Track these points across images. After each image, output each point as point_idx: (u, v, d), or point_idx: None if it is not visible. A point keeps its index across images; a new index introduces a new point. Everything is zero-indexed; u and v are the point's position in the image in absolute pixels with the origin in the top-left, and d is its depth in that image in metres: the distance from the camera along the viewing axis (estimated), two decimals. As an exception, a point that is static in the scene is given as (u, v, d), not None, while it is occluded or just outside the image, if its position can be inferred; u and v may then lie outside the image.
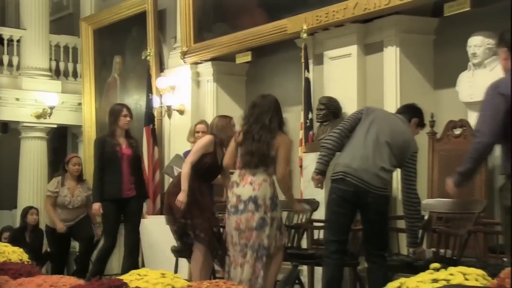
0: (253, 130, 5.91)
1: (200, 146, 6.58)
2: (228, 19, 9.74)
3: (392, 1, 7.33)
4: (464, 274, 3.40)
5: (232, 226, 5.90)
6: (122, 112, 7.50)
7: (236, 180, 5.95)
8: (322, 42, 8.42)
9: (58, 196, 8.78)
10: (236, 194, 5.90)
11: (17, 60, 12.55)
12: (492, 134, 4.33)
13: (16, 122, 12.62)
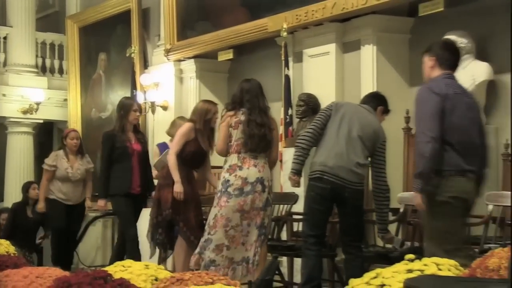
0: (253, 114, 5.96)
1: (181, 134, 6.46)
2: (210, 17, 9.73)
3: (369, 1, 7.36)
4: (437, 264, 3.42)
5: (232, 208, 5.90)
6: (133, 106, 7.25)
7: (237, 163, 5.95)
8: (301, 40, 8.44)
9: (57, 170, 8.21)
10: (242, 176, 5.91)
11: (4, 57, 12.53)
12: (438, 130, 4.55)
13: (3, 117, 12.57)
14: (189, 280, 3.70)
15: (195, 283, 3.62)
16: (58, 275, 4.23)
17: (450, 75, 4.79)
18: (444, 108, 4.59)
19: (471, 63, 6.90)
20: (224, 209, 5.93)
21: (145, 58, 11.03)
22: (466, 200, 4.71)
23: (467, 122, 4.69)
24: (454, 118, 4.61)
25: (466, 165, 4.65)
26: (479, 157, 4.76)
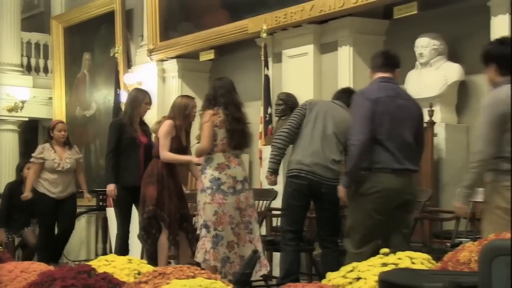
0: (229, 108, 5.90)
1: (165, 133, 6.32)
2: (192, 18, 9.72)
3: (346, 3, 7.38)
4: (411, 258, 3.44)
5: (232, 206, 5.86)
6: (145, 99, 6.93)
7: (225, 162, 5.89)
8: (280, 41, 8.46)
9: (46, 161, 7.96)
10: (232, 175, 5.87)
11: (-11, 56, 12.44)
12: (367, 131, 4.73)
13: (-11, 115, 12.49)
14: (171, 274, 3.69)
15: (177, 277, 3.62)
16: (43, 270, 4.22)
17: (385, 79, 4.96)
18: (375, 111, 4.76)
19: (443, 64, 6.95)
20: (224, 207, 5.85)
21: (129, 58, 11.00)
22: (389, 196, 4.82)
23: (399, 123, 4.83)
24: (385, 120, 4.77)
25: (396, 163, 4.80)
26: (412, 156, 4.90)
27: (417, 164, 5.01)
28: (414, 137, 4.92)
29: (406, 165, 4.85)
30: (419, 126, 5.00)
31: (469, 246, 3.16)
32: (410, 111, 4.93)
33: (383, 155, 4.81)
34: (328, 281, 3.45)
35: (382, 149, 4.81)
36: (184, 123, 6.41)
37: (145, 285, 3.61)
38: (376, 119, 4.78)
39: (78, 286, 3.64)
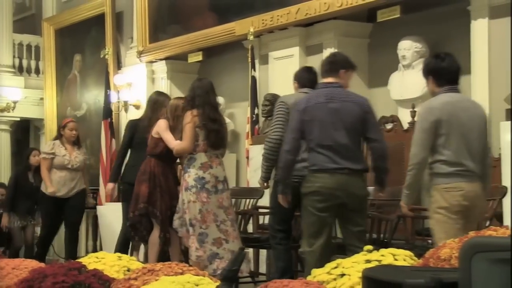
0: (206, 109, 5.91)
1: (164, 128, 6.24)
2: (181, 21, 9.71)
3: (330, 7, 7.40)
4: (394, 255, 3.46)
5: (215, 204, 5.90)
6: (165, 102, 6.81)
7: (208, 161, 5.91)
8: (267, 43, 8.46)
9: (55, 157, 7.78)
10: (214, 175, 5.90)
11: (-18, 58, 12.38)
12: (292, 143, 5.00)
13: (-19, 115, 12.44)
14: (160, 271, 3.70)
15: (166, 273, 3.62)
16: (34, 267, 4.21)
17: (324, 84, 5.13)
18: (303, 120, 4.96)
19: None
20: (208, 205, 5.88)
21: (119, 59, 10.97)
22: (326, 194, 4.94)
23: (330, 126, 4.96)
24: (314, 126, 4.94)
25: (331, 163, 4.93)
26: (351, 156, 4.99)
27: (359, 162, 5.05)
28: (352, 137, 5.01)
29: (343, 164, 4.94)
30: (356, 125, 5.02)
31: (450, 243, 3.17)
32: (344, 113, 4.99)
33: (317, 158, 4.96)
34: (313, 277, 3.46)
35: (316, 153, 4.97)
36: (176, 123, 6.39)
37: (134, 282, 3.61)
38: (306, 127, 4.97)
39: (69, 282, 3.64)
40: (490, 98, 6.49)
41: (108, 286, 3.72)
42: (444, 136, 4.49)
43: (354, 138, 5.04)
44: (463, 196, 4.54)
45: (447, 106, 4.51)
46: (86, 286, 3.64)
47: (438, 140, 4.52)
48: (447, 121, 4.48)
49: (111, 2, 10.96)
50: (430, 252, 3.22)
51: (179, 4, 9.77)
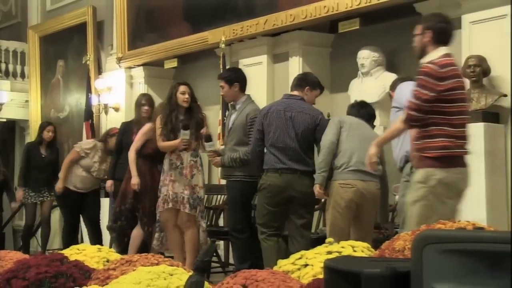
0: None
1: (141, 134, 6.35)
2: (157, 30, 9.68)
3: (296, 18, 7.43)
4: (353, 247, 3.48)
5: None
6: (139, 101, 6.82)
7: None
8: (237, 51, 8.46)
9: (86, 158, 7.41)
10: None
11: (-29, 63, 12.25)
12: (253, 142, 5.45)
13: (-30, 117, 12.30)
14: (137, 262, 3.68)
15: (143, 264, 3.61)
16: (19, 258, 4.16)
17: (288, 96, 5.57)
18: (263, 124, 5.38)
19: (382, 74, 7.01)
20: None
21: (99, 65, 10.90)
22: (274, 191, 5.28)
23: (281, 131, 5.32)
24: (272, 129, 5.33)
25: (279, 164, 5.28)
26: (298, 158, 5.30)
27: (306, 165, 5.32)
28: (302, 143, 5.32)
29: (290, 165, 5.27)
30: (307, 133, 5.34)
31: (404, 236, 3.20)
32: (297, 122, 5.33)
33: (269, 158, 5.31)
34: (279, 267, 3.46)
35: (269, 153, 5.33)
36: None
37: (113, 272, 3.59)
38: (265, 129, 5.36)
39: (52, 272, 3.61)
40: (441, 103, 6.54)
41: (88, 276, 3.69)
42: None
43: (304, 144, 5.32)
44: (354, 193, 4.97)
45: None
46: (68, 276, 3.61)
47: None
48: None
49: (92, 11, 10.94)
50: (385, 244, 3.24)
51: (156, 14, 9.73)
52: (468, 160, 5.70)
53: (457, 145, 4.06)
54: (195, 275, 2.54)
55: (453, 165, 4.06)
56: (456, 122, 4.04)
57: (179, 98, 5.94)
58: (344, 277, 2.20)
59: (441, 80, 3.96)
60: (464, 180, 4.18)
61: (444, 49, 4.15)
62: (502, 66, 5.88)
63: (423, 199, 4.04)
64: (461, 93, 4.08)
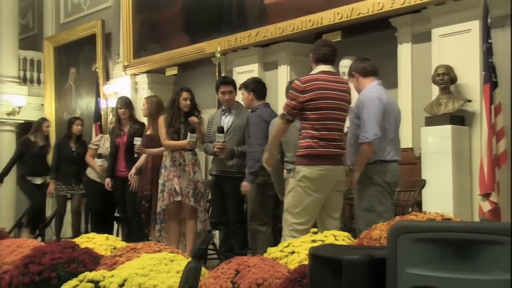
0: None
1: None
2: (159, 41, 9.67)
3: (284, 31, 7.44)
4: (334, 236, 3.48)
5: None
6: (116, 105, 6.94)
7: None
8: (231, 60, 8.46)
9: (100, 148, 7.50)
10: None
11: (-8, 70, 12.23)
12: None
13: (-9, 118, 12.27)
14: (141, 249, 3.67)
15: (146, 251, 3.60)
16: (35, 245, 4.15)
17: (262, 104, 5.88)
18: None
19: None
20: None
21: (107, 72, 10.89)
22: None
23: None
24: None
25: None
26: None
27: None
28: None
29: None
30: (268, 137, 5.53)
31: (380, 226, 3.20)
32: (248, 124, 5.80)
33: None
34: (268, 254, 3.46)
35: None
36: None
37: (119, 258, 3.58)
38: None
39: (64, 258, 3.59)
40: (413, 108, 6.57)
41: (97, 262, 3.68)
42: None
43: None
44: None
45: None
46: (79, 262, 3.60)
47: None
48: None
49: (101, 24, 10.94)
50: (364, 234, 3.25)
51: (158, 27, 9.72)
52: (437, 159, 5.76)
53: (321, 146, 4.38)
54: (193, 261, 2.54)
55: (317, 163, 4.36)
56: (318, 127, 4.41)
57: (181, 103, 5.97)
58: (327, 263, 2.20)
59: (302, 93, 4.41)
60: (330, 176, 4.42)
61: (322, 67, 4.60)
62: (467, 75, 5.92)
63: (292, 190, 4.43)
64: (325, 102, 4.44)
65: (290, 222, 4.39)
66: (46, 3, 12.88)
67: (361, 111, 4.63)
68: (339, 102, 4.50)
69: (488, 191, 5.42)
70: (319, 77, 4.51)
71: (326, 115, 4.42)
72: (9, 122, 12.23)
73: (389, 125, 4.69)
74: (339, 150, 4.46)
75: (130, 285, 2.89)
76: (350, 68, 5.02)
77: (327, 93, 4.45)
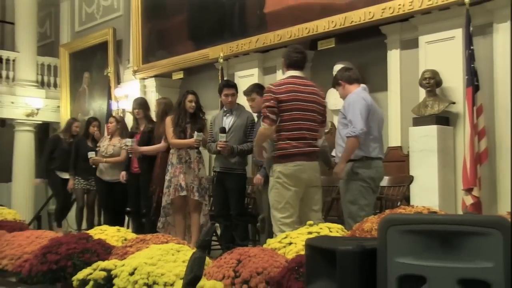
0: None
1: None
2: (166, 47, 9.66)
3: (282, 38, 7.42)
4: (329, 228, 3.48)
5: None
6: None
7: None
8: (233, 65, 8.45)
9: (101, 147, 7.59)
10: None
11: (13, 74, 12.19)
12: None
13: (11, 119, 12.23)
14: (150, 240, 3.67)
15: (154, 242, 3.60)
16: (53, 236, 4.15)
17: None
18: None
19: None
20: None
21: (118, 76, 10.88)
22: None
23: None
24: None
25: None
26: None
27: None
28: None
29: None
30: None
31: (371, 219, 3.21)
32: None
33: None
34: (268, 245, 3.46)
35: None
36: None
37: (130, 249, 3.58)
38: None
39: (79, 249, 3.60)
40: (401, 109, 6.56)
41: (109, 252, 3.68)
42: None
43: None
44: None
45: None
46: (93, 252, 3.60)
47: None
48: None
49: (113, 32, 10.92)
50: (356, 226, 3.25)
51: (165, 34, 9.71)
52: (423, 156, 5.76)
53: (293, 146, 4.43)
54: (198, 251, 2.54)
55: (290, 160, 4.41)
56: (291, 127, 4.44)
57: (187, 104, 5.99)
58: (322, 253, 2.20)
59: (276, 94, 4.42)
60: (303, 170, 4.45)
61: (292, 72, 4.61)
62: (452, 79, 5.92)
63: (273, 187, 4.45)
64: (296, 104, 4.46)
65: (278, 217, 4.40)
66: (62, 12, 12.89)
67: (348, 110, 4.70)
68: (310, 104, 4.54)
69: (470, 186, 5.43)
70: (289, 81, 4.55)
71: (298, 116, 4.45)
72: (28, 122, 12.24)
73: (374, 124, 4.75)
74: (310, 148, 4.49)
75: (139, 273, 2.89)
76: (335, 78, 5.03)
77: (297, 95, 4.49)
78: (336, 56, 7.21)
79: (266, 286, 2.70)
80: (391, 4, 6.23)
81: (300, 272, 2.55)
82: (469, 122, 5.51)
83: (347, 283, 2.03)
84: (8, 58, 12.27)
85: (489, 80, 5.69)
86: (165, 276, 2.85)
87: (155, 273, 2.87)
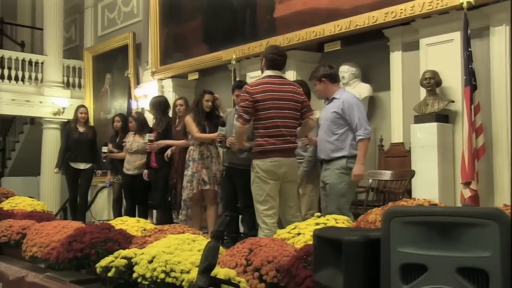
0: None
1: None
2: (182, 50, 9.67)
3: (291, 41, 7.41)
4: (335, 219, 3.47)
5: None
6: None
7: None
8: (245, 67, 8.44)
9: (126, 143, 7.56)
10: None
11: (41, 76, 12.31)
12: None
13: (40, 117, 12.35)
14: (167, 231, 3.67)
15: (171, 233, 3.60)
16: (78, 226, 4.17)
17: None
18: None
19: (358, 84, 6.99)
20: None
21: (138, 77, 10.92)
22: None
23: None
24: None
25: None
26: None
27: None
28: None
29: None
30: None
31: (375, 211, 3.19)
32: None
33: None
34: (277, 235, 3.46)
35: None
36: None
37: (149, 238, 3.59)
38: None
39: (102, 238, 3.61)
40: (403, 108, 6.53)
41: (130, 241, 3.69)
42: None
43: None
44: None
45: None
46: (114, 241, 3.61)
47: None
48: None
49: (133, 36, 10.98)
50: (361, 217, 3.24)
51: (181, 38, 9.73)
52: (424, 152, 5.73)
53: (270, 143, 4.37)
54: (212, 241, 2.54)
55: (268, 156, 4.36)
56: (268, 125, 4.38)
57: (203, 104, 6.01)
58: (329, 243, 2.19)
59: (252, 94, 4.37)
60: (280, 166, 4.40)
61: (269, 72, 4.52)
62: (451, 79, 5.88)
63: (254, 182, 4.43)
64: (272, 102, 4.39)
65: (260, 209, 4.37)
66: (86, 19, 12.96)
67: (352, 112, 4.66)
68: (287, 102, 4.46)
69: (468, 180, 5.40)
70: (266, 80, 4.48)
71: (274, 114, 4.39)
72: (55, 121, 12.32)
73: None
74: (287, 144, 4.43)
75: (158, 261, 2.90)
76: (317, 72, 4.89)
77: (273, 94, 4.42)
78: (341, 57, 7.19)
79: (276, 274, 2.70)
80: (394, 8, 6.20)
81: (308, 261, 2.54)
82: (467, 120, 5.47)
83: (352, 271, 2.02)
84: (37, 61, 12.41)
85: (486, 80, 5.65)
86: (182, 264, 2.85)
87: (172, 261, 2.87)
